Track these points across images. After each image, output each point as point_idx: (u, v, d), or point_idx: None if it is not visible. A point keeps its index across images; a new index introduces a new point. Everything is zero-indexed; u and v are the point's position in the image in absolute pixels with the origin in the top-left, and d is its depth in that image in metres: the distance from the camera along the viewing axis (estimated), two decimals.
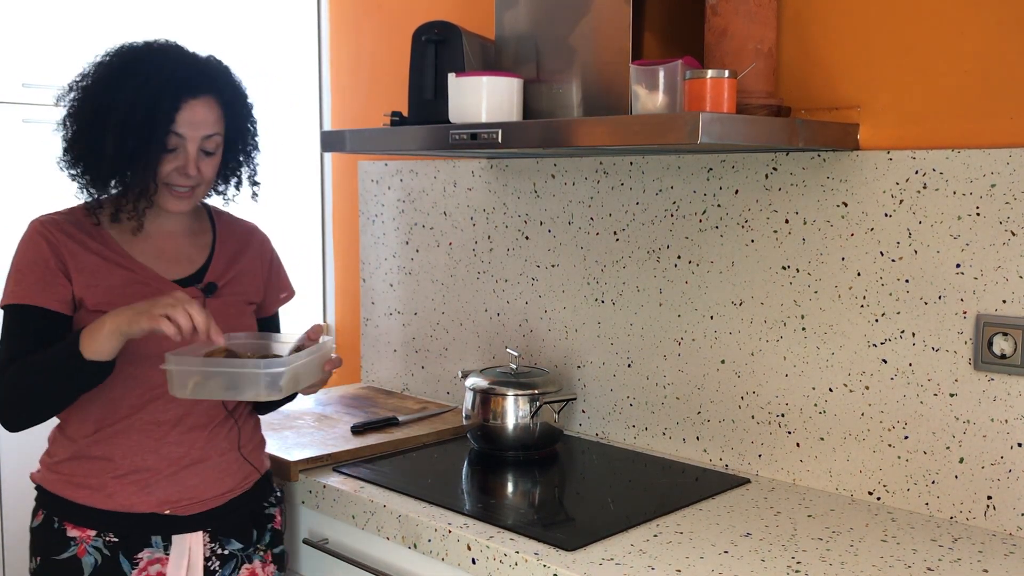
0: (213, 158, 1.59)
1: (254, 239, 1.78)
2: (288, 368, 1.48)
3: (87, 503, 1.56)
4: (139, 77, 1.50)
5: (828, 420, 1.77)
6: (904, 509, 1.68)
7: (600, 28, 1.77)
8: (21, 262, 1.55)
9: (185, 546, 1.59)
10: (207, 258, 1.68)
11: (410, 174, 2.53)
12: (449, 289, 2.45)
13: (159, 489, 1.57)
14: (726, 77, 1.48)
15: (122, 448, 1.56)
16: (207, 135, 1.55)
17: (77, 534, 1.56)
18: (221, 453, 1.64)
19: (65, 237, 1.56)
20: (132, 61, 1.54)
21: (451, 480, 1.92)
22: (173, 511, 1.58)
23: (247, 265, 1.73)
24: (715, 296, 1.91)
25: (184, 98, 1.51)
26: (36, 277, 1.53)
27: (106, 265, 1.57)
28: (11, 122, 3.27)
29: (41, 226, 1.58)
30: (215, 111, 1.56)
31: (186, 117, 1.51)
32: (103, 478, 1.56)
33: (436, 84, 1.93)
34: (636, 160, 2.02)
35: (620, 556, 1.46)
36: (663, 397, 2.02)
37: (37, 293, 1.52)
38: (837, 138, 1.68)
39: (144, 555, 1.57)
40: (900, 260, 1.66)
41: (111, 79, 1.53)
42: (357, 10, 2.74)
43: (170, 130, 1.51)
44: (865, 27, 1.69)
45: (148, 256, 1.62)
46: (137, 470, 1.56)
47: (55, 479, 1.60)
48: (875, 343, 1.70)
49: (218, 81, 1.58)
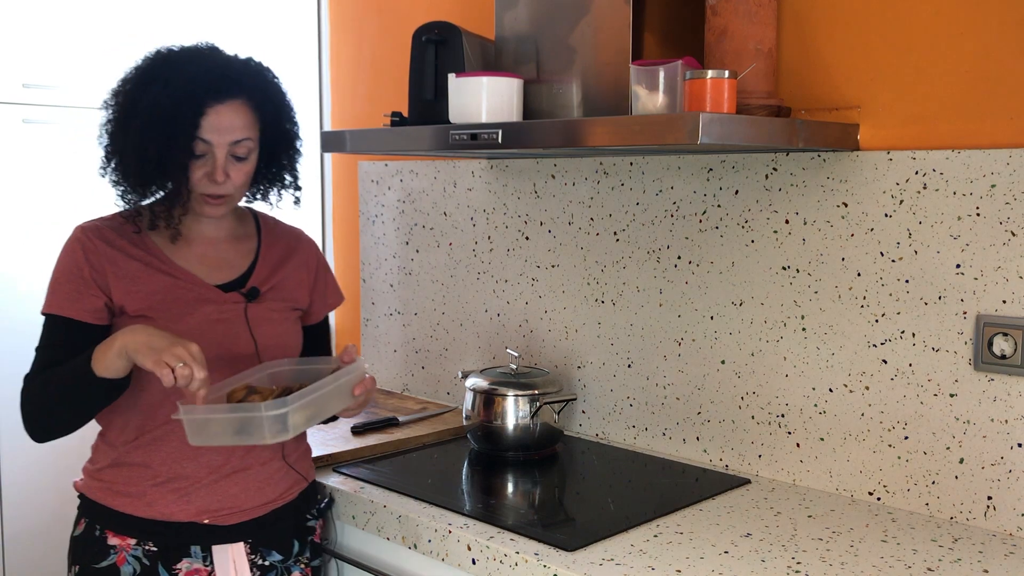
0: (245, 164, 1.54)
1: (301, 245, 1.74)
2: (290, 409, 1.40)
3: (127, 511, 1.54)
4: (163, 83, 1.48)
5: (828, 420, 1.77)
6: (904, 509, 1.68)
7: (600, 28, 1.77)
8: (58, 271, 1.55)
9: (228, 557, 1.57)
10: (251, 263, 1.65)
11: (410, 174, 2.53)
12: (449, 289, 2.45)
13: (198, 498, 1.55)
14: (726, 77, 1.48)
15: (161, 455, 1.53)
16: (236, 140, 1.51)
17: (117, 542, 1.55)
18: (263, 462, 1.60)
19: (104, 244, 1.54)
20: (159, 66, 1.52)
21: (451, 480, 1.92)
22: (212, 520, 1.56)
23: (292, 271, 1.70)
24: (715, 296, 1.91)
25: (209, 103, 1.47)
26: (70, 288, 1.52)
27: (147, 271, 1.55)
28: (11, 122, 3.27)
29: (81, 233, 1.56)
30: (245, 115, 1.52)
31: (211, 122, 1.48)
32: (143, 485, 1.54)
33: (436, 84, 1.93)
34: (636, 160, 2.02)
35: (620, 556, 1.46)
36: (663, 397, 2.02)
37: (69, 304, 1.52)
38: (837, 138, 1.68)
39: (183, 565, 1.55)
40: (900, 260, 1.66)
41: (138, 85, 1.51)
42: (357, 10, 2.74)
43: (196, 136, 1.47)
44: (865, 27, 1.69)
45: (191, 261, 1.59)
46: (176, 478, 1.54)
47: (97, 486, 1.58)
48: (875, 343, 1.69)
49: (248, 84, 1.53)
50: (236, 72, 1.53)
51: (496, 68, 1.95)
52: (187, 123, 1.46)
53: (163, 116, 1.46)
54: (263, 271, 1.66)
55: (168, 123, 1.46)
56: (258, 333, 1.59)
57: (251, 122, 1.53)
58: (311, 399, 1.45)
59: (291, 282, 1.69)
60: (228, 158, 1.52)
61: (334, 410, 1.56)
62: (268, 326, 1.61)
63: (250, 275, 1.64)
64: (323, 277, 1.77)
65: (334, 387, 1.50)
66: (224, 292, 1.59)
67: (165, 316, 1.53)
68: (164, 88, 1.47)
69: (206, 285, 1.58)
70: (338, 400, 1.54)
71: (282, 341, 1.64)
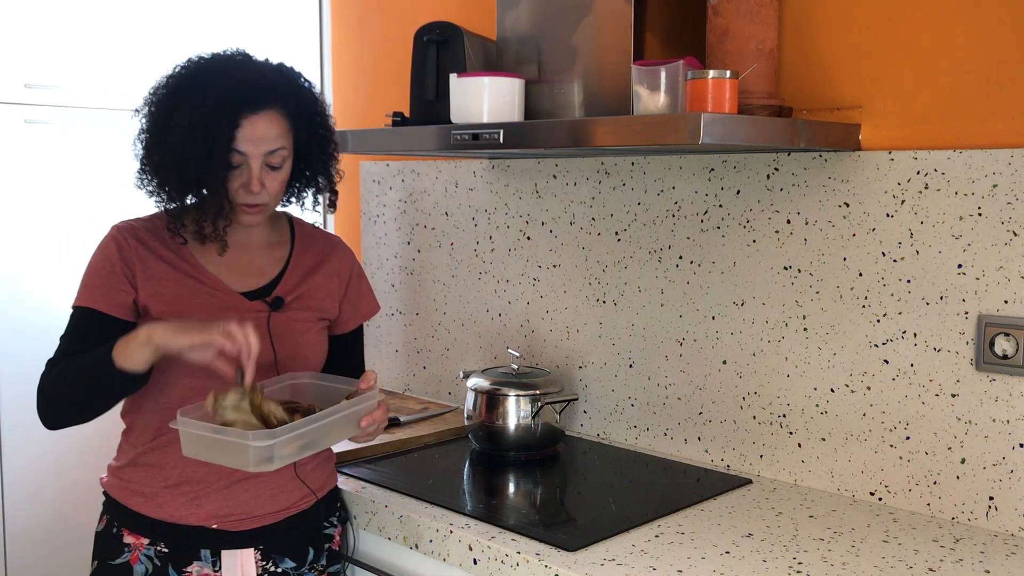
0: (280, 172, 1.54)
1: (335, 254, 1.72)
2: (278, 441, 1.37)
3: (141, 511, 1.55)
4: (197, 96, 1.47)
5: (830, 421, 1.77)
6: (906, 510, 1.68)
7: (602, 28, 1.77)
8: (91, 266, 1.56)
9: (237, 562, 1.56)
10: (280, 271, 1.65)
11: (412, 174, 2.53)
12: (451, 289, 2.45)
13: (208, 502, 1.55)
14: (727, 77, 1.48)
15: (175, 458, 1.53)
16: (270, 150, 1.50)
17: (132, 541, 1.56)
18: (278, 470, 1.57)
19: (137, 243, 1.55)
20: (192, 78, 1.51)
21: (453, 480, 1.92)
22: (222, 525, 1.55)
23: (322, 280, 1.68)
24: (716, 296, 1.91)
25: (243, 114, 1.47)
26: (101, 282, 1.53)
27: (175, 274, 1.55)
28: (13, 122, 3.28)
29: (116, 232, 1.58)
30: (278, 124, 1.51)
31: (246, 134, 1.47)
32: (155, 487, 1.55)
33: (438, 84, 1.93)
34: (638, 160, 2.02)
35: (622, 556, 1.46)
36: (664, 398, 2.02)
37: (99, 297, 1.53)
38: (839, 138, 1.68)
39: (193, 569, 1.55)
40: (902, 260, 1.66)
41: (172, 98, 1.50)
42: (359, 11, 2.75)
43: (231, 148, 1.47)
44: (867, 27, 1.69)
45: (220, 267, 1.59)
46: (187, 481, 1.54)
47: (117, 484, 1.59)
48: (877, 343, 1.69)
49: (280, 93, 1.52)
50: (269, 81, 1.52)
51: (498, 68, 1.95)
52: (223, 136, 1.46)
53: (199, 130, 1.45)
54: (292, 279, 1.65)
55: (204, 137, 1.45)
56: (279, 344, 1.59)
57: (285, 130, 1.53)
58: (303, 432, 1.42)
59: (320, 291, 1.67)
60: (263, 168, 1.51)
61: (334, 441, 1.53)
62: (290, 337, 1.60)
63: (278, 282, 1.63)
64: (356, 286, 1.75)
65: (333, 419, 1.46)
66: (249, 300, 1.58)
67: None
68: (199, 101, 1.46)
69: (231, 292, 1.58)
70: (338, 431, 1.51)
71: (303, 352, 1.63)
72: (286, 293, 1.63)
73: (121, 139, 3.19)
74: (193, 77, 1.51)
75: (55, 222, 3.32)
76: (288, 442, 1.40)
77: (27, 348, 3.23)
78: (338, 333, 1.73)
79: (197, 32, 3.39)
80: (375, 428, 1.55)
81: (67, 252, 3.35)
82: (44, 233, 3.32)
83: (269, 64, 1.56)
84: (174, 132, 1.48)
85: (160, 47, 3.38)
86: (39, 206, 3.31)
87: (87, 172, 3.36)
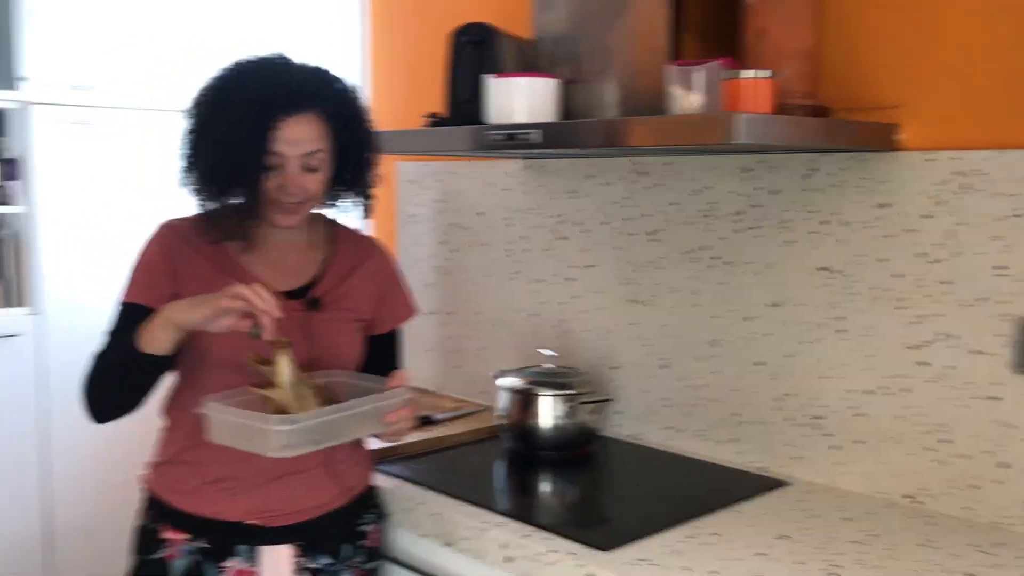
0: (318, 174, 1.56)
1: (372, 255, 1.74)
2: (298, 427, 1.38)
3: (180, 507, 1.58)
4: (236, 98, 1.50)
5: (866, 423, 1.75)
6: (944, 513, 1.66)
7: (638, 28, 1.77)
8: (137, 263, 1.60)
9: (274, 558, 1.58)
10: (318, 272, 1.66)
11: (447, 175, 2.54)
12: (485, 289, 2.46)
13: (245, 498, 1.56)
14: (764, 77, 1.48)
15: (211, 454, 1.55)
16: (308, 152, 1.52)
17: (170, 536, 1.58)
18: (311, 468, 1.60)
19: (182, 242, 1.59)
20: (233, 81, 1.53)
21: (486, 479, 1.93)
22: (259, 521, 1.57)
23: (360, 281, 1.69)
24: (751, 297, 1.90)
25: (280, 116, 1.48)
26: (145, 278, 1.57)
27: (216, 272, 1.57)
28: (61, 123, 3.34)
29: (162, 229, 1.61)
30: (317, 126, 1.52)
31: (284, 135, 1.49)
32: (194, 483, 1.57)
33: (474, 85, 1.94)
34: (673, 160, 2.02)
35: (655, 557, 1.46)
36: (698, 399, 2.01)
37: (142, 292, 1.56)
38: (876, 138, 1.67)
39: (230, 564, 1.57)
40: (939, 262, 1.64)
41: (214, 99, 1.53)
42: (396, 12, 2.76)
43: (268, 150, 1.49)
44: (906, 26, 1.67)
45: (260, 267, 1.61)
46: (224, 478, 1.56)
47: (156, 481, 1.62)
48: (914, 345, 1.68)
49: (319, 95, 1.53)
50: (307, 84, 1.53)
51: (533, 69, 1.95)
52: (260, 137, 1.48)
53: (237, 131, 1.48)
54: (329, 280, 1.66)
55: (242, 138, 1.48)
56: (314, 344, 1.60)
57: (323, 133, 1.54)
58: (325, 421, 1.43)
59: (357, 292, 1.68)
60: (300, 169, 1.53)
61: (356, 435, 1.54)
62: (326, 337, 1.61)
63: (316, 283, 1.65)
64: (393, 289, 1.76)
65: (355, 412, 1.47)
66: (287, 299, 1.60)
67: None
68: (238, 103, 1.49)
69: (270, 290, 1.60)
70: (362, 426, 1.52)
71: (338, 352, 1.64)
72: (323, 294, 1.64)
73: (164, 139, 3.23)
74: (234, 79, 1.54)
75: (101, 221, 3.38)
76: (309, 430, 1.41)
77: (74, 346, 3.29)
78: (374, 334, 1.74)
79: (240, 36, 3.43)
80: (402, 426, 1.56)
81: (113, 251, 3.41)
82: (90, 232, 3.39)
83: (308, 67, 1.58)
84: (214, 132, 1.51)
85: (203, 50, 3.43)
86: (86, 205, 3.37)
87: (131, 172, 3.41)
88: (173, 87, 3.42)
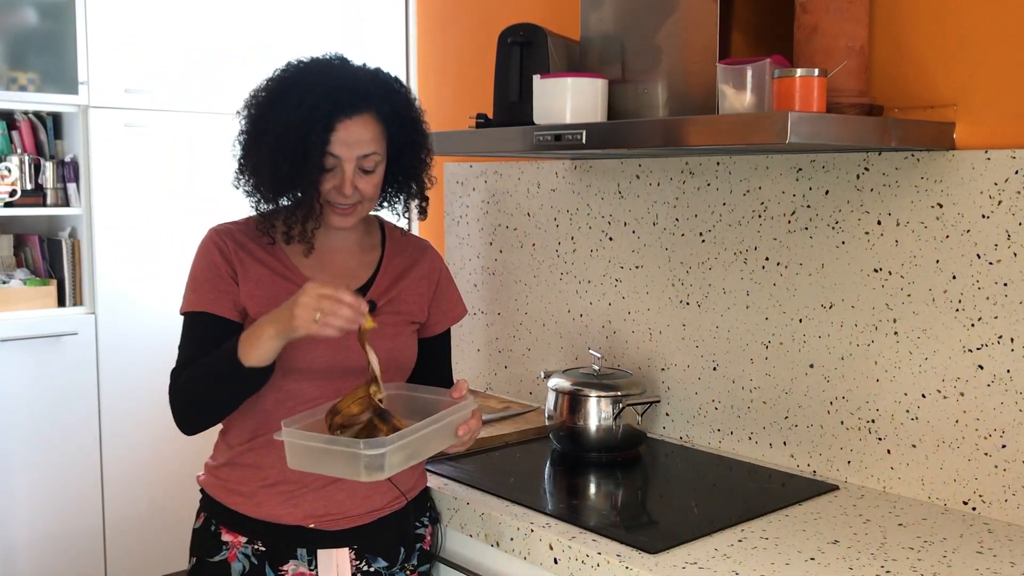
0: (373, 175, 1.56)
1: (424, 257, 1.74)
2: (389, 449, 1.37)
3: (239, 510, 1.59)
4: (294, 99, 1.50)
5: (921, 427, 1.72)
6: (1001, 520, 1.62)
7: (687, 27, 1.76)
8: (196, 270, 1.59)
9: (332, 562, 1.59)
10: (372, 275, 1.67)
11: (495, 175, 2.55)
12: (532, 290, 2.46)
13: (305, 502, 1.57)
14: (816, 76, 1.46)
15: (272, 458, 1.56)
16: (364, 154, 1.53)
17: (230, 539, 1.59)
18: None
19: (236, 246, 1.59)
20: (290, 82, 1.54)
21: (534, 480, 1.93)
22: (318, 525, 1.58)
23: (412, 283, 1.70)
24: (804, 299, 1.88)
25: (338, 118, 1.49)
26: (210, 285, 1.57)
27: (272, 276, 1.58)
28: (114, 126, 3.41)
29: (215, 235, 1.61)
30: (373, 128, 1.53)
31: (341, 137, 1.50)
32: (253, 486, 1.58)
33: (521, 86, 1.95)
34: (723, 160, 2.00)
35: (703, 560, 1.45)
36: (749, 401, 1.99)
37: (211, 301, 1.56)
38: (932, 137, 1.64)
39: (289, 567, 1.58)
40: (998, 263, 1.60)
41: (270, 101, 1.54)
42: (444, 13, 2.78)
43: (325, 151, 1.50)
44: (961, 21, 1.64)
45: (315, 270, 1.62)
46: (284, 481, 1.57)
47: (214, 483, 1.63)
48: (971, 348, 1.64)
49: (375, 97, 1.54)
50: (364, 86, 1.53)
51: (581, 68, 1.95)
52: (318, 139, 1.48)
53: (294, 132, 1.48)
54: (383, 283, 1.67)
55: (299, 139, 1.48)
56: (372, 346, 1.61)
57: (379, 135, 1.54)
58: (411, 440, 1.42)
59: (411, 294, 1.69)
60: (356, 171, 1.54)
61: (435, 450, 1.53)
62: (382, 341, 1.61)
63: (370, 286, 1.65)
64: (444, 289, 1.76)
65: (435, 428, 1.46)
66: None
67: None
68: (296, 104, 1.49)
69: None
70: (440, 440, 1.51)
71: (395, 355, 1.64)
72: (378, 297, 1.64)
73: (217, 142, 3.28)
74: (291, 80, 1.54)
75: (155, 222, 3.45)
76: (398, 450, 1.40)
77: (127, 345, 3.36)
78: (426, 336, 1.74)
79: (288, 39, 3.47)
80: (470, 436, 1.56)
81: (167, 252, 3.48)
82: (145, 233, 3.45)
83: (366, 69, 1.58)
84: (270, 133, 1.51)
85: (253, 53, 3.48)
86: (141, 207, 3.44)
87: (185, 174, 3.47)
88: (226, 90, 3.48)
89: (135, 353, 3.34)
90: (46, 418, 3.23)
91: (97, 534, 3.33)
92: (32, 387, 3.20)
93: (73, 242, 3.35)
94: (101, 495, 3.35)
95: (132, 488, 3.40)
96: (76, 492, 3.30)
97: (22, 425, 3.19)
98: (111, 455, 3.35)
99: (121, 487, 3.38)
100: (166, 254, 3.45)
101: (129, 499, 3.39)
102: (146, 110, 3.41)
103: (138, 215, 3.43)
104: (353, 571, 1.61)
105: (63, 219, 3.43)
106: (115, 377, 3.33)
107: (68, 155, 3.38)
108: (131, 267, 3.41)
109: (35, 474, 3.22)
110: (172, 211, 3.46)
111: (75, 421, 3.29)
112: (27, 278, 3.32)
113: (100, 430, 3.33)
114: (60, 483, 3.27)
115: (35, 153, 3.37)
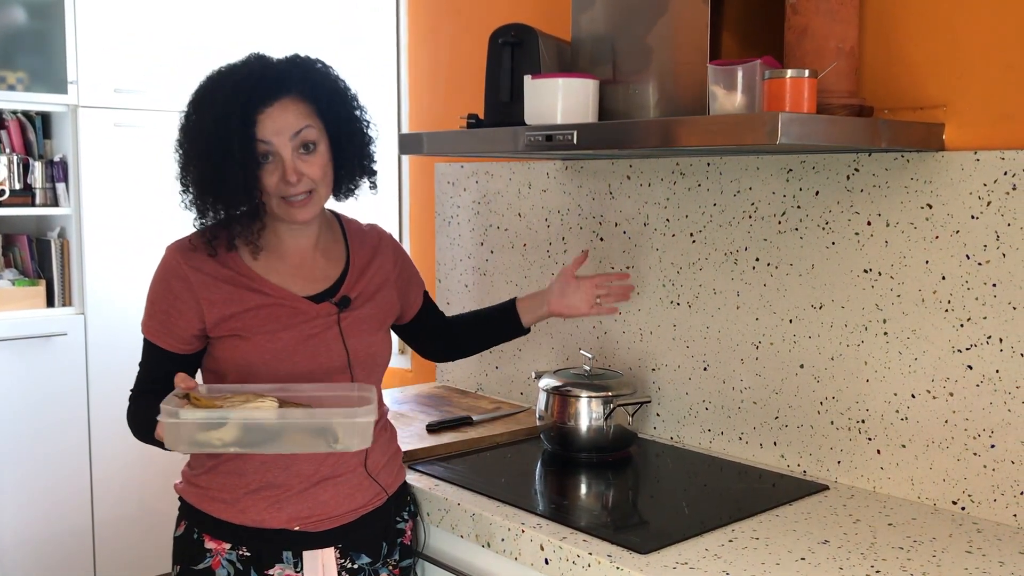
0: (315, 156, 1.54)
1: (381, 243, 1.75)
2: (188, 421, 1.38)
3: (222, 517, 1.58)
4: (209, 104, 1.50)
5: (910, 427, 1.73)
6: (990, 520, 1.63)
7: (678, 28, 1.76)
8: (152, 295, 1.59)
9: (318, 563, 1.60)
10: (342, 272, 1.67)
11: (486, 176, 2.55)
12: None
13: (289, 505, 1.57)
14: (806, 76, 1.46)
15: (253, 463, 1.57)
16: (295, 131, 1.51)
17: (213, 546, 1.59)
18: (351, 470, 1.62)
19: (192, 270, 1.56)
20: (206, 88, 1.54)
21: (524, 480, 1.93)
22: (303, 527, 1.58)
23: (378, 272, 1.71)
24: (794, 299, 1.88)
25: (258, 108, 1.48)
26: (162, 316, 1.56)
27: (237, 291, 1.56)
28: (104, 126, 3.39)
29: (171, 258, 1.58)
30: (297, 108, 1.51)
31: (266, 126, 1.49)
32: (236, 493, 1.58)
33: (512, 86, 1.94)
34: (714, 161, 2.00)
35: (694, 560, 1.45)
36: (740, 401, 1.99)
37: (158, 333, 1.57)
38: (921, 138, 1.64)
39: (275, 571, 1.58)
40: (987, 263, 1.61)
41: (193, 111, 1.54)
42: (435, 14, 2.77)
43: (254, 142, 1.48)
44: (951, 23, 1.64)
45: (282, 275, 1.61)
46: (268, 486, 1.57)
47: (194, 491, 1.62)
48: (960, 348, 1.65)
49: (293, 79, 1.53)
50: (276, 73, 1.52)
51: (572, 69, 1.95)
52: (240, 135, 1.47)
53: (216, 135, 1.48)
54: (353, 276, 1.67)
55: (222, 140, 1.47)
56: (351, 344, 1.61)
57: (307, 112, 1.53)
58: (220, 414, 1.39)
59: (379, 279, 1.71)
60: (296, 154, 1.52)
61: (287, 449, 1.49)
62: (360, 336, 1.62)
63: (342, 283, 1.65)
64: (403, 266, 1.80)
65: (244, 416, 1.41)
66: (316, 303, 1.60)
67: (260, 334, 1.55)
68: (210, 108, 1.49)
69: (297, 298, 1.59)
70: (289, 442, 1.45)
71: (373, 351, 1.65)
72: (350, 292, 1.65)
73: None
74: (208, 88, 1.54)
75: (145, 222, 3.43)
76: (206, 426, 1.38)
77: (116, 345, 3.35)
78: (416, 312, 1.82)
79: (278, 39, 3.47)
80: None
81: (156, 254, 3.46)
82: (134, 233, 3.44)
83: (283, 58, 1.57)
84: (196, 142, 1.51)
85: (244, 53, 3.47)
86: (129, 208, 3.42)
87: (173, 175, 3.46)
88: None
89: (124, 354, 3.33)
90: (35, 419, 3.22)
91: (86, 535, 3.32)
92: (21, 388, 3.19)
93: (62, 242, 3.34)
94: (90, 496, 3.33)
95: (122, 489, 3.38)
96: (65, 493, 3.28)
97: (11, 425, 3.17)
98: (100, 456, 3.34)
99: (111, 488, 3.36)
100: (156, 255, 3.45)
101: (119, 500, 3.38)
102: (136, 110, 3.40)
103: (127, 215, 3.41)
104: (338, 569, 1.61)
105: (52, 219, 3.42)
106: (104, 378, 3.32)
107: (57, 155, 3.37)
108: (121, 267, 3.40)
109: (24, 475, 3.21)
110: (161, 211, 3.45)
111: (64, 422, 3.27)
112: (16, 278, 3.31)
113: (89, 431, 3.32)
114: (49, 484, 3.25)
115: (24, 153, 3.36)
